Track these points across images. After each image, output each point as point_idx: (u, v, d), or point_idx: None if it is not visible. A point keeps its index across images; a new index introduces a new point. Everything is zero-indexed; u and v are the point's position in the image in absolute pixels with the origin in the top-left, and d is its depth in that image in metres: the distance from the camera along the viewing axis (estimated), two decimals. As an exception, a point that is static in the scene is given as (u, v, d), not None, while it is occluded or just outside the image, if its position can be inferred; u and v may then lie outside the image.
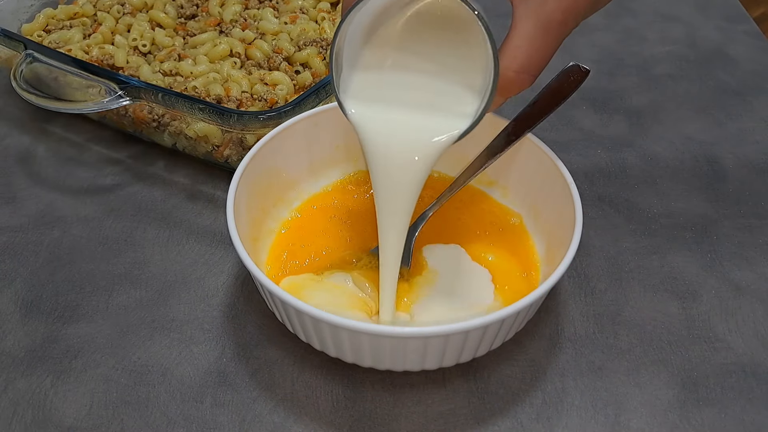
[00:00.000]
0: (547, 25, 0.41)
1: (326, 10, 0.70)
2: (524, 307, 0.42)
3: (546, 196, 0.51)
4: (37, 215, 0.59)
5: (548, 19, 0.41)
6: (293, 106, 0.55)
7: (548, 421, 0.45)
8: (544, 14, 0.41)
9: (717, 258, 0.55)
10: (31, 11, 0.71)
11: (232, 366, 0.48)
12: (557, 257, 0.48)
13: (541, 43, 0.41)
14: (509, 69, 0.41)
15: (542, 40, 0.41)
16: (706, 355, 0.49)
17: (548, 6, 0.41)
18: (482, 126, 0.44)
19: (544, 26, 0.41)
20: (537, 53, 0.42)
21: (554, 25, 0.41)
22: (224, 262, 0.55)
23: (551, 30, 0.41)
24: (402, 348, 0.43)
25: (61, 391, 0.47)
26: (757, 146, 0.66)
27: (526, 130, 0.50)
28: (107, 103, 0.57)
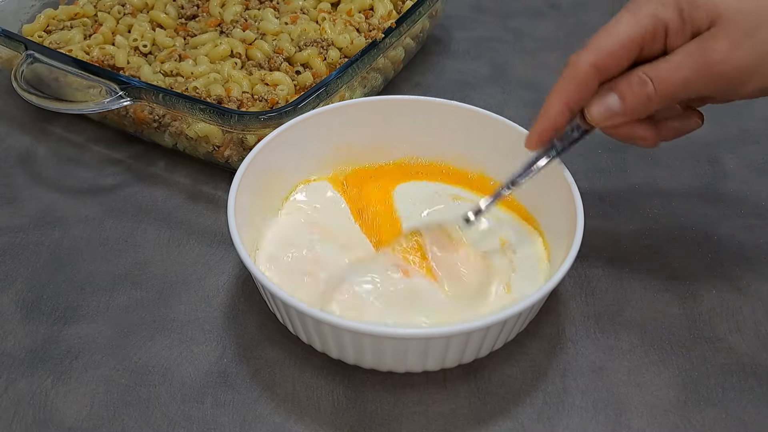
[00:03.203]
0: (707, 68, 0.42)
1: (327, 11, 0.70)
2: (526, 308, 0.42)
3: (547, 196, 0.51)
4: (37, 216, 0.59)
5: (711, 63, 0.42)
6: (294, 107, 0.55)
7: (549, 422, 0.45)
8: (708, 58, 0.42)
9: (718, 258, 0.55)
10: (31, 12, 0.71)
11: (232, 366, 0.48)
12: (558, 257, 0.48)
13: (690, 79, 0.42)
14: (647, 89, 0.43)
15: (694, 77, 0.42)
16: (707, 356, 0.49)
17: (715, 54, 0.42)
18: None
19: (703, 67, 0.42)
20: (676, 88, 0.43)
21: (712, 71, 0.42)
22: (225, 263, 0.55)
23: (707, 72, 0.42)
24: (403, 349, 0.43)
25: (62, 391, 0.47)
26: (757, 146, 0.66)
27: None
28: (108, 103, 0.57)
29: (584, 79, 0.44)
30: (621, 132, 0.46)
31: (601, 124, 0.46)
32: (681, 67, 0.42)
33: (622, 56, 0.44)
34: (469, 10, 0.84)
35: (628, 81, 0.44)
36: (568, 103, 0.46)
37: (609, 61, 0.44)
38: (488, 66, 0.76)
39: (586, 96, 0.45)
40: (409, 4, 0.71)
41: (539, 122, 0.47)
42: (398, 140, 0.57)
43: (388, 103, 0.56)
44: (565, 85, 0.45)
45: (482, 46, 0.78)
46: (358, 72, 0.60)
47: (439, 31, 0.80)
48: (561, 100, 0.46)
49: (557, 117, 0.46)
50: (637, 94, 0.43)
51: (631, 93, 0.44)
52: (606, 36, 0.44)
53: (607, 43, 0.44)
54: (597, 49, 0.44)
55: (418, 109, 0.56)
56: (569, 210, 0.48)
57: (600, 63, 0.44)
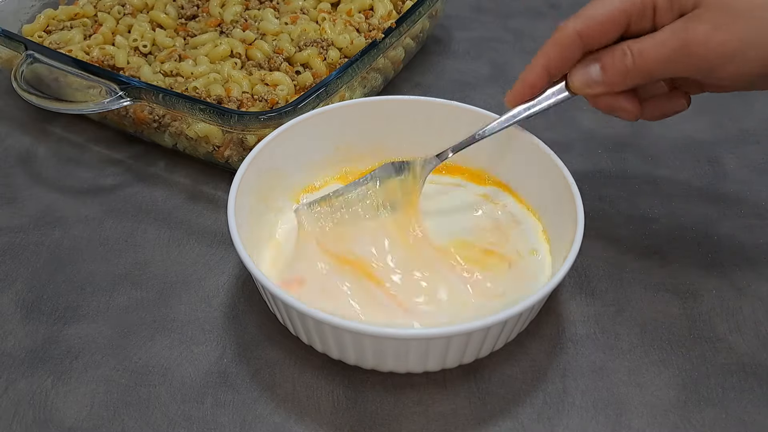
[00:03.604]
0: (686, 48, 0.43)
1: (327, 11, 0.70)
2: (527, 308, 0.42)
3: (547, 196, 0.51)
4: (37, 216, 0.59)
5: (690, 43, 0.42)
6: (294, 107, 0.55)
7: (549, 422, 0.45)
8: (689, 38, 0.42)
9: (718, 258, 0.55)
10: (31, 12, 0.70)
11: (233, 366, 0.48)
12: (559, 257, 0.48)
13: (670, 57, 0.43)
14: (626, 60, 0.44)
15: (673, 56, 0.43)
16: (707, 356, 0.49)
17: (695, 35, 0.42)
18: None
19: (683, 46, 0.43)
20: (656, 64, 0.44)
21: (691, 52, 0.43)
22: (225, 263, 0.55)
23: (687, 52, 0.43)
24: (404, 349, 0.43)
25: (62, 391, 0.47)
26: (757, 146, 0.66)
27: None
28: (108, 103, 0.57)
29: (567, 44, 0.46)
30: (603, 102, 0.48)
31: (581, 91, 0.47)
32: (662, 44, 0.43)
33: (608, 28, 0.45)
34: (469, 10, 0.84)
35: (612, 53, 0.45)
36: (547, 66, 0.47)
37: (594, 30, 0.45)
38: (488, 66, 0.76)
39: (567, 62, 0.47)
40: (409, 4, 0.71)
41: (518, 81, 0.49)
42: (398, 140, 0.57)
43: (388, 103, 0.56)
44: (548, 49, 0.47)
45: (482, 46, 0.78)
46: (358, 72, 0.60)
47: (439, 31, 0.80)
48: (541, 63, 0.47)
49: (535, 78, 0.48)
50: (618, 66, 0.45)
51: (612, 64, 0.45)
52: (595, 6, 0.45)
53: (595, 13, 0.45)
54: (584, 17, 0.45)
55: (418, 110, 0.56)
56: (569, 210, 0.48)
57: (584, 31, 0.45)
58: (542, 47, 0.47)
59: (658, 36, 0.44)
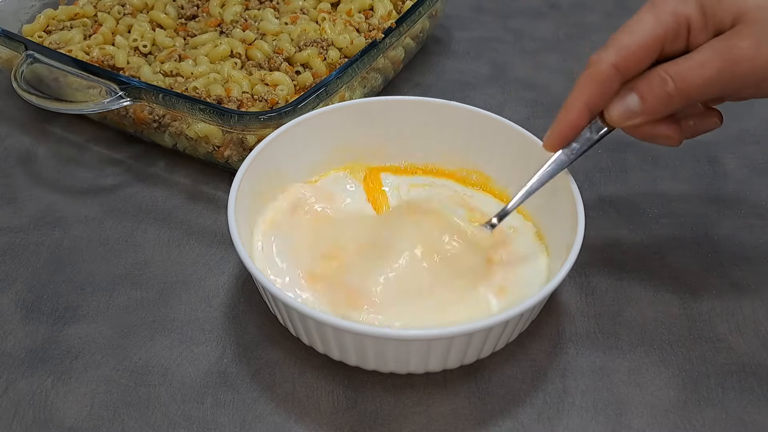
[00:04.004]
0: (732, 67, 0.41)
1: (327, 11, 0.70)
2: (528, 309, 0.42)
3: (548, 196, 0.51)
4: (37, 216, 0.59)
5: (736, 61, 0.41)
6: (294, 107, 0.55)
7: (549, 422, 0.45)
8: (734, 56, 0.41)
9: (718, 258, 0.55)
10: (31, 12, 0.70)
11: (232, 366, 0.48)
12: (559, 258, 0.48)
13: (714, 78, 0.41)
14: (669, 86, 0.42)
15: (717, 76, 0.41)
16: (707, 355, 0.49)
17: (741, 52, 0.41)
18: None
19: (728, 65, 0.41)
20: (699, 87, 0.42)
21: (737, 70, 0.41)
22: (225, 263, 0.55)
23: (731, 71, 0.41)
24: (405, 350, 0.43)
25: (62, 391, 0.47)
26: (757, 146, 0.66)
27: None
28: (108, 103, 0.57)
29: (605, 80, 0.43)
30: (643, 131, 0.46)
31: (620, 124, 0.45)
32: (704, 65, 0.41)
33: (644, 55, 0.43)
34: (469, 10, 0.84)
35: (649, 80, 0.43)
36: (588, 104, 0.45)
37: (631, 61, 0.43)
38: (488, 66, 0.76)
39: (607, 97, 0.44)
40: (409, 4, 0.71)
41: (559, 123, 0.46)
42: (398, 141, 0.57)
43: (388, 103, 0.56)
44: (586, 86, 0.44)
45: (482, 46, 0.78)
46: (358, 72, 0.60)
47: (439, 31, 0.80)
48: (581, 101, 0.45)
49: (577, 119, 0.45)
50: (657, 93, 0.42)
51: (651, 92, 0.43)
52: (627, 35, 0.43)
53: (629, 42, 0.43)
54: (618, 48, 0.43)
55: (418, 110, 0.56)
56: (570, 211, 0.48)
57: (621, 63, 0.43)
58: (578, 85, 0.45)
59: (698, 57, 0.42)
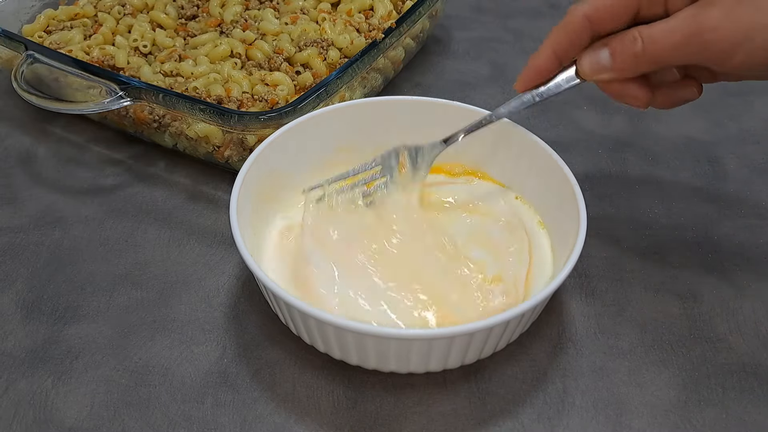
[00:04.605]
0: (698, 35, 0.41)
1: (327, 11, 0.70)
2: (529, 309, 0.42)
3: (548, 196, 0.51)
4: (37, 216, 0.59)
5: (702, 29, 0.41)
6: (294, 107, 0.55)
7: (549, 422, 0.45)
8: (701, 24, 0.41)
9: (718, 258, 0.55)
10: (31, 12, 0.71)
11: (233, 366, 0.48)
12: (560, 258, 0.48)
13: (680, 43, 0.42)
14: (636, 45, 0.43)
15: (684, 43, 0.42)
16: (708, 356, 0.49)
17: (708, 22, 0.41)
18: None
19: (694, 32, 0.42)
20: (666, 51, 0.43)
21: (702, 39, 0.41)
22: (225, 263, 0.55)
23: (697, 40, 0.42)
24: (406, 350, 0.43)
25: (62, 391, 0.47)
26: (757, 146, 0.66)
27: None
28: (108, 103, 0.57)
29: (575, 28, 0.45)
30: (613, 88, 0.47)
31: (590, 77, 0.47)
32: (673, 30, 0.42)
33: (618, 12, 0.44)
34: (469, 10, 0.84)
35: (621, 38, 0.44)
36: (555, 50, 0.47)
37: (603, 14, 0.45)
38: (488, 66, 0.76)
39: (575, 46, 0.46)
40: (409, 4, 0.71)
41: (527, 66, 0.48)
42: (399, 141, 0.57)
43: (388, 103, 0.56)
44: (556, 33, 0.47)
45: (482, 46, 0.78)
46: (358, 72, 0.60)
47: (439, 32, 0.80)
48: (550, 47, 0.47)
49: (544, 63, 0.47)
50: (627, 51, 0.44)
51: (621, 49, 0.44)
52: None
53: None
54: (594, 1, 0.45)
55: (418, 110, 0.56)
56: (571, 211, 0.48)
57: (593, 15, 0.45)
58: (551, 32, 0.47)
59: (670, 22, 0.43)
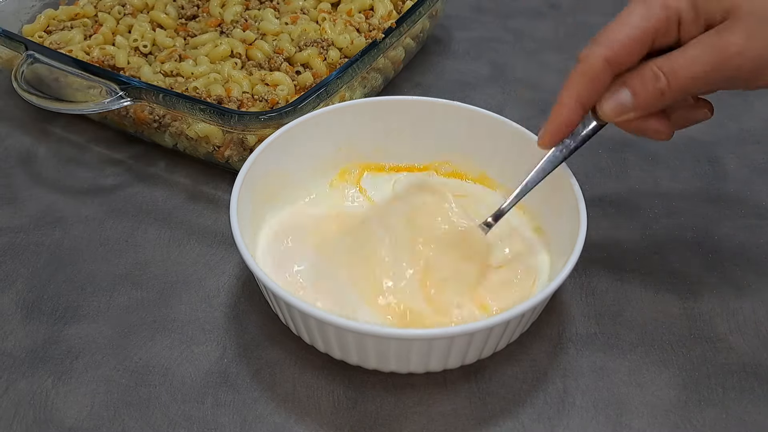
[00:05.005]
0: (724, 61, 0.41)
1: (327, 11, 0.70)
2: (529, 309, 0.42)
3: (549, 196, 0.51)
4: (37, 216, 0.59)
5: (728, 55, 0.41)
6: (294, 107, 0.55)
7: (549, 422, 0.45)
8: (725, 51, 0.41)
9: (718, 258, 0.55)
10: (32, 12, 0.71)
11: (233, 366, 0.48)
12: (560, 258, 0.48)
13: (705, 73, 0.41)
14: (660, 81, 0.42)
15: (710, 72, 0.41)
16: (708, 356, 0.49)
17: (732, 47, 0.40)
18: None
19: (720, 60, 0.41)
20: (691, 82, 0.42)
21: (728, 65, 0.41)
22: (225, 263, 0.55)
23: (723, 66, 0.41)
24: (407, 350, 0.43)
25: (62, 391, 0.47)
26: (758, 146, 0.66)
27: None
28: (108, 103, 0.57)
29: (597, 74, 0.43)
30: (634, 125, 0.46)
31: (613, 120, 0.45)
32: (696, 61, 0.41)
33: (635, 49, 0.43)
34: (469, 10, 0.84)
35: (641, 75, 0.43)
36: (580, 100, 0.44)
37: (622, 55, 0.43)
38: (488, 66, 0.76)
39: (599, 92, 0.44)
40: (409, 4, 0.71)
41: (552, 120, 0.46)
42: (399, 141, 0.57)
43: (389, 103, 0.56)
44: (578, 82, 0.44)
45: (482, 46, 0.78)
46: (359, 72, 0.60)
47: (439, 31, 0.80)
48: (574, 97, 0.44)
49: (570, 114, 0.45)
50: (650, 89, 0.42)
51: (643, 88, 0.43)
52: (618, 29, 0.43)
53: (620, 36, 0.42)
54: (609, 42, 0.43)
55: (419, 110, 0.56)
56: (571, 212, 0.48)
57: (612, 57, 0.43)
58: (569, 81, 0.45)
59: (689, 52, 0.41)
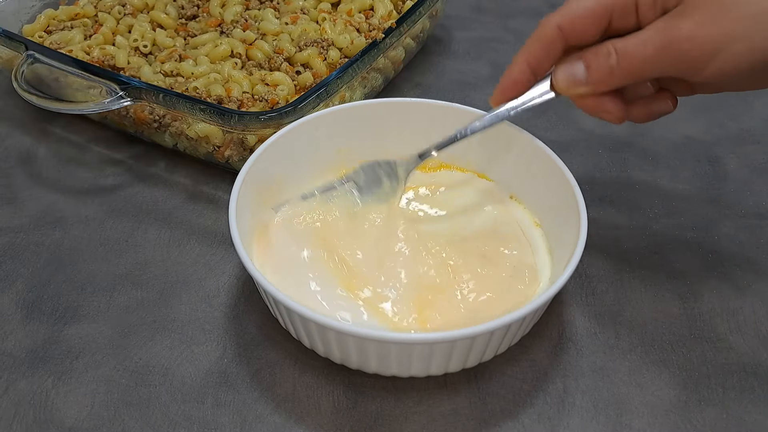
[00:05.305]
0: (671, 46, 0.41)
1: (327, 11, 0.70)
2: (530, 312, 0.42)
3: (548, 197, 0.51)
4: (38, 216, 0.59)
5: (675, 40, 0.41)
6: (294, 107, 0.55)
7: (549, 422, 0.45)
8: (673, 36, 0.41)
9: (718, 258, 0.55)
10: (32, 12, 0.71)
11: (233, 366, 0.48)
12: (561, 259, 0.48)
13: (654, 56, 0.42)
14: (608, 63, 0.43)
15: (658, 54, 0.42)
16: (708, 355, 0.49)
17: (680, 32, 0.41)
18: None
19: (667, 44, 0.42)
20: (640, 64, 0.43)
21: (676, 49, 0.41)
22: (225, 263, 0.55)
23: (672, 50, 0.42)
24: (408, 354, 0.43)
25: (63, 391, 0.47)
26: (757, 146, 0.66)
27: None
28: (108, 103, 0.57)
29: (548, 39, 0.46)
30: (588, 103, 0.47)
31: (565, 91, 0.46)
32: (646, 43, 0.42)
33: (589, 23, 0.45)
34: (470, 10, 0.84)
35: (596, 51, 0.44)
36: (529, 62, 0.47)
37: (575, 25, 0.45)
38: (488, 66, 0.76)
39: (548, 57, 0.46)
40: (409, 4, 0.71)
41: (502, 79, 0.48)
42: (399, 142, 0.57)
43: (388, 105, 0.56)
44: (530, 45, 0.46)
45: (482, 46, 0.78)
46: (359, 72, 0.60)
47: (439, 32, 0.80)
48: (524, 58, 0.47)
49: (519, 74, 0.47)
50: (601, 65, 0.44)
51: (596, 63, 0.44)
52: (578, 1, 0.45)
53: (576, 7, 0.45)
54: (566, 12, 0.45)
55: (418, 111, 0.56)
56: (571, 212, 0.48)
57: (565, 25, 0.45)
58: (525, 45, 0.47)
59: (642, 35, 0.43)
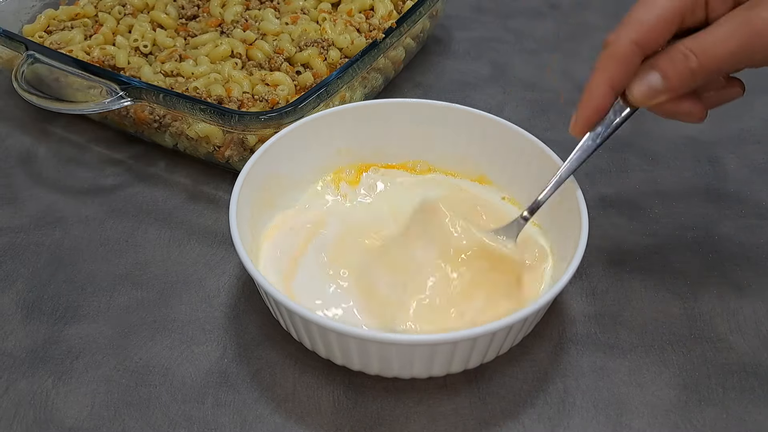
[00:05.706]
0: (755, 38, 0.40)
1: (327, 11, 0.70)
2: (533, 312, 0.42)
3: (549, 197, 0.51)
4: (38, 216, 0.59)
5: (759, 32, 0.40)
6: (294, 107, 0.55)
7: (549, 422, 0.45)
8: (756, 27, 0.40)
9: (718, 258, 0.55)
10: (32, 12, 0.70)
11: (233, 366, 0.48)
12: (562, 260, 0.48)
13: (737, 50, 0.40)
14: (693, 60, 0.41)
15: (741, 49, 0.40)
16: (708, 356, 0.49)
17: (764, 23, 0.39)
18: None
19: (751, 36, 0.40)
20: (724, 60, 0.41)
21: (761, 42, 0.40)
22: (225, 263, 0.55)
23: (755, 42, 0.40)
24: (409, 355, 0.43)
25: (63, 391, 0.47)
26: (758, 146, 0.66)
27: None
28: (108, 103, 0.57)
29: (626, 57, 0.42)
30: (666, 108, 0.45)
31: (644, 104, 0.44)
32: (727, 39, 0.40)
33: (663, 30, 0.42)
34: (470, 10, 0.84)
35: (670, 57, 0.42)
36: (611, 85, 0.44)
37: (651, 37, 0.42)
38: (488, 66, 0.76)
39: (629, 75, 0.43)
40: (409, 4, 0.71)
41: (584, 106, 0.45)
42: (399, 143, 0.57)
43: (389, 105, 0.56)
44: (608, 66, 0.43)
45: (482, 46, 0.78)
46: (359, 72, 0.60)
47: (439, 31, 0.80)
48: (604, 82, 0.43)
49: (602, 99, 0.44)
50: (680, 70, 0.41)
51: (674, 69, 0.41)
52: (645, 10, 0.42)
53: (648, 17, 0.42)
54: (637, 24, 0.42)
55: (419, 112, 0.56)
56: (572, 213, 0.48)
57: (642, 40, 0.42)
58: (599, 65, 0.44)
59: (719, 30, 0.40)
